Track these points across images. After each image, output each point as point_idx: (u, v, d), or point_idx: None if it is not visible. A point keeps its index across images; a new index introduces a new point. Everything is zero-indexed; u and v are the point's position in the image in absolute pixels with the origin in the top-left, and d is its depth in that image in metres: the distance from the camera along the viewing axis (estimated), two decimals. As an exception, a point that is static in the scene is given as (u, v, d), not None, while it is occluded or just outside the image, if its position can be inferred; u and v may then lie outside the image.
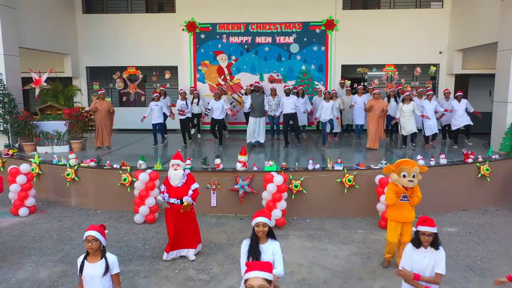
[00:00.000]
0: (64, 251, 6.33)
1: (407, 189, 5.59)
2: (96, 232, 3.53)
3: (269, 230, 3.71)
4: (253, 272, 2.47)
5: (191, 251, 5.99)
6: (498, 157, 8.89)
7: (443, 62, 13.40)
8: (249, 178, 7.70)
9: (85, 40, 13.90)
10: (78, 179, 8.28)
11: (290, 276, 5.59)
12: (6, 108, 9.64)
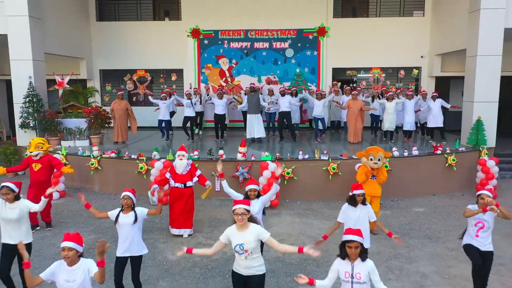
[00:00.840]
0: (95, 224, 7.66)
1: (374, 169, 7.00)
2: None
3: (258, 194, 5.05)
4: (237, 205, 3.86)
5: (187, 231, 7.19)
6: (464, 149, 10.24)
7: (425, 66, 14.75)
8: (248, 166, 9.04)
9: (98, 45, 15.23)
10: (100, 168, 9.62)
11: (281, 242, 6.91)
12: (35, 107, 10.97)
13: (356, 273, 3.53)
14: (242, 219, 3.88)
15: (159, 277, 5.73)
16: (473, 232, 4.82)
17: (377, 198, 7.20)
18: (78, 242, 3.46)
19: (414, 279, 5.71)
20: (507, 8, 10.26)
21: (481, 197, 4.77)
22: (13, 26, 10.88)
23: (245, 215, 3.91)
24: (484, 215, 4.75)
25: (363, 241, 3.57)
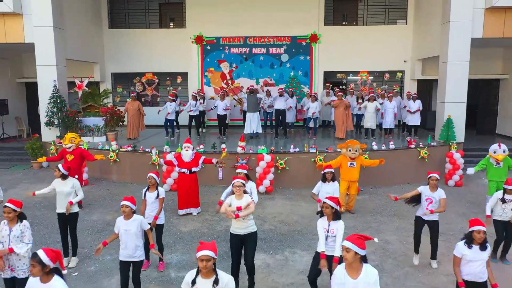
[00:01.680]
0: (118, 206, 9.09)
1: (353, 158, 8.49)
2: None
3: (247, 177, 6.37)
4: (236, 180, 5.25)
5: (195, 210, 8.69)
6: (436, 144, 11.71)
7: (407, 69, 16.21)
8: (247, 158, 10.49)
9: (110, 50, 16.66)
10: (118, 160, 11.07)
11: (274, 218, 8.40)
12: (58, 107, 12.42)
13: (331, 229, 4.93)
14: (239, 190, 5.30)
15: (175, 243, 7.19)
16: (424, 206, 6.29)
17: (354, 182, 8.69)
18: (132, 202, 5.00)
19: (379, 244, 7.17)
20: (473, 21, 11.71)
21: (431, 179, 6.24)
22: (39, 35, 12.32)
23: (242, 187, 5.34)
24: (433, 193, 6.22)
25: (334, 205, 4.92)
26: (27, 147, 12.55)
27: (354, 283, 3.40)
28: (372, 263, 6.44)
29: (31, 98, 16.87)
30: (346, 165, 8.61)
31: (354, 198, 8.85)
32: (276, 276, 6.05)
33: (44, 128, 12.80)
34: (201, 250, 3.37)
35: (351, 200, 8.81)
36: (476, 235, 4.24)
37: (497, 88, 15.94)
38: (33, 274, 3.49)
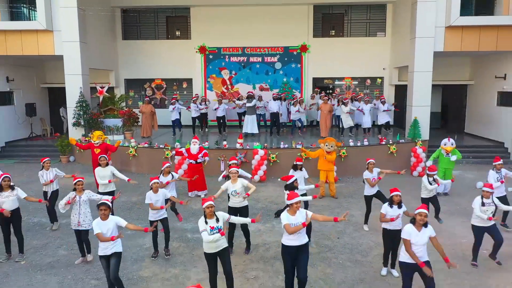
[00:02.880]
0: (139, 191, 11.23)
1: (329, 152, 10.63)
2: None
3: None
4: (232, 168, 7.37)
5: (202, 192, 10.84)
6: (404, 141, 13.87)
7: (386, 76, 18.37)
8: (244, 153, 12.64)
9: (123, 59, 18.79)
10: (137, 155, 13.21)
11: (265, 200, 10.56)
12: (84, 110, 14.56)
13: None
14: (234, 176, 7.39)
15: (189, 216, 9.33)
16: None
17: (331, 172, 10.84)
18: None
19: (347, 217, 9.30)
20: (435, 37, 13.88)
21: (370, 163, 8.41)
22: (68, 49, 14.46)
23: (236, 174, 7.42)
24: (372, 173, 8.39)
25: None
26: (57, 144, 14.67)
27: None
28: (338, 228, 8.65)
29: (53, 101, 19.07)
30: (323, 157, 10.76)
31: (333, 185, 11.00)
32: (265, 236, 8.21)
33: (71, 128, 14.92)
34: (206, 202, 5.52)
35: (332, 187, 10.94)
36: (395, 198, 6.39)
37: (465, 92, 18.10)
38: (104, 215, 5.64)
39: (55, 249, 7.55)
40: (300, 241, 5.51)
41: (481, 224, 6.79)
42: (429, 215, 5.70)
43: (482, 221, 6.74)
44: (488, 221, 6.68)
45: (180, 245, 7.79)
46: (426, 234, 5.31)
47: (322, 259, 7.17)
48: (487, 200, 6.79)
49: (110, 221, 5.68)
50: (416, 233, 5.31)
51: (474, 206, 6.81)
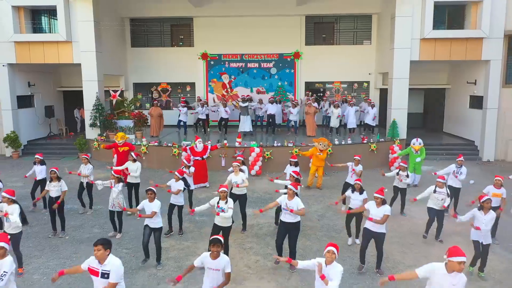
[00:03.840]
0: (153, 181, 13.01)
1: (322, 150, 12.45)
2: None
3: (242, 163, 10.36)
4: (234, 163, 9.20)
5: (204, 184, 12.66)
6: (383, 139, 15.69)
7: (372, 80, 20.17)
8: (242, 150, 14.44)
9: (132, 65, 20.55)
10: (148, 152, 15.00)
11: (261, 190, 12.37)
12: (99, 112, 16.34)
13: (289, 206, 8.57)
14: (236, 169, 9.19)
15: (196, 204, 11.10)
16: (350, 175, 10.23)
17: (321, 167, 12.67)
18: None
19: (327, 205, 11.12)
20: (411, 48, 15.68)
21: (356, 160, 10.22)
22: (85, 58, 16.24)
23: (238, 167, 9.23)
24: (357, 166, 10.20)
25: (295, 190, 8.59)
26: (76, 143, 16.45)
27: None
28: (319, 213, 10.47)
29: (67, 103, 20.83)
30: (317, 154, 12.57)
31: (321, 178, 12.82)
32: (259, 219, 10.02)
33: (88, 128, 16.71)
34: (222, 188, 7.31)
35: (319, 180, 12.76)
36: (356, 186, 8.20)
37: (443, 95, 19.92)
38: (151, 198, 7.43)
39: (90, 228, 9.38)
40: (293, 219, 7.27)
41: (433, 206, 8.58)
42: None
43: (434, 204, 8.52)
44: (439, 205, 8.42)
45: (190, 225, 9.61)
46: (381, 211, 7.07)
47: (304, 235, 8.98)
48: (439, 189, 8.46)
49: (154, 204, 7.47)
50: (375, 208, 7.10)
51: (426, 191, 8.62)
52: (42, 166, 10.55)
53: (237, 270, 7.32)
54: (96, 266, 4.81)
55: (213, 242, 5.14)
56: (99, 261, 4.78)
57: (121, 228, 8.93)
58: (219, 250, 5.14)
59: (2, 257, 5.00)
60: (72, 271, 5.26)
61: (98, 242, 4.83)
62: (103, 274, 4.77)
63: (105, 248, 4.78)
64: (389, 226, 8.35)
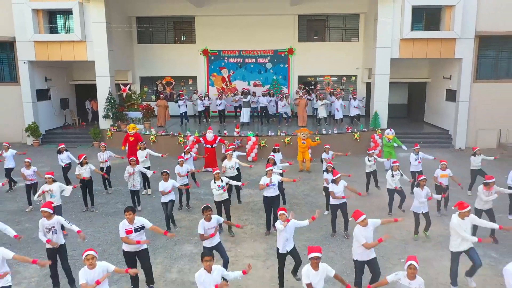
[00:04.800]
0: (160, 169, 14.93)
1: (304, 139, 14.37)
2: None
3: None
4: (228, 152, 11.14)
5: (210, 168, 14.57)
6: (366, 129, 17.58)
7: (359, 74, 21.97)
8: (240, 139, 16.34)
9: (139, 60, 22.27)
10: (156, 141, 16.87)
11: (256, 174, 14.30)
12: (112, 105, 18.17)
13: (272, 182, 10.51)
14: (230, 156, 11.09)
15: (202, 185, 13.03)
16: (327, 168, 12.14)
17: (307, 152, 14.61)
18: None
19: (312, 186, 13.07)
20: (391, 47, 17.49)
21: (326, 148, 12.14)
22: (98, 56, 18.00)
23: (231, 155, 11.12)
24: (328, 155, 12.12)
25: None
26: (90, 132, 18.31)
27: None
28: (305, 192, 12.42)
29: (79, 96, 22.63)
30: (301, 142, 14.49)
31: (309, 162, 14.76)
32: (254, 197, 11.98)
33: (101, 119, 18.56)
34: (214, 171, 9.22)
35: (308, 164, 14.70)
36: (328, 168, 10.10)
37: (424, 88, 21.76)
38: (166, 179, 9.38)
39: (114, 204, 11.34)
40: (274, 193, 9.23)
41: (391, 188, 10.49)
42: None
43: (392, 185, 10.45)
44: (397, 186, 10.36)
45: (197, 202, 11.54)
46: (341, 185, 9.03)
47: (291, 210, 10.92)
48: (395, 172, 10.39)
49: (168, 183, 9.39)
50: (336, 186, 9.04)
51: (387, 176, 10.52)
52: (66, 153, 12.38)
53: (236, 235, 9.29)
54: (129, 227, 6.73)
55: (205, 209, 7.03)
56: (129, 223, 6.70)
57: (139, 202, 10.85)
58: (210, 213, 7.01)
59: (49, 218, 6.86)
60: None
61: (128, 208, 6.77)
62: (136, 229, 6.71)
63: (133, 212, 6.73)
64: (366, 203, 10.37)
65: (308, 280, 5.48)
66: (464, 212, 6.77)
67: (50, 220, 6.74)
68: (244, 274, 5.67)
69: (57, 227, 6.78)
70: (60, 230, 6.89)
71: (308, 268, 5.53)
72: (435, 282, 7.33)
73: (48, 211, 6.71)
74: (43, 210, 6.74)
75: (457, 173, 12.56)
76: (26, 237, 8.92)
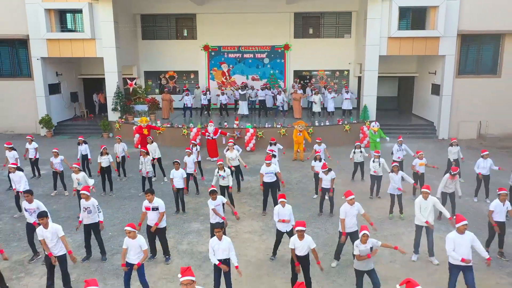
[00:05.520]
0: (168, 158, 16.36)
1: (300, 131, 15.79)
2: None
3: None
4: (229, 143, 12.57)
5: (216, 158, 16.02)
6: (356, 121, 19.00)
7: (351, 69, 23.30)
8: (239, 131, 17.75)
9: (143, 55, 23.54)
10: (162, 132, 18.27)
11: (254, 162, 15.76)
12: (120, 98, 19.52)
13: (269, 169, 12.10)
14: (231, 147, 12.50)
15: (206, 172, 14.48)
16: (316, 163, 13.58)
17: (301, 144, 16.04)
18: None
19: (305, 173, 14.52)
20: (380, 45, 18.81)
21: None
22: (107, 53, 19.29)
23: (232, 146, 12.54)
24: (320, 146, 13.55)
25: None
26: (100, 124, 19.69)
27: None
28: (297, 179, 13.89)
29: (87, 89, 23.93)
30: (297, 134, 15.91)
31: (302, 153, 16.19)
32: (252, 183, 13.42)
33: (110, 112, 19.93)
34: (219, 162, 10.66)
35: (301, 154, 16.14)
36: (317, 156, 11.55)
37: (413, 82, 23.13)
38: (177, 168, 10.84)
39: (128, 189, 12.81)
40: (271, 179, 10.68)
41: (373, 174, 11.96)
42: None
43: (374, 172, 11.91)
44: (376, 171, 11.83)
45: (201, 188, 12.96)
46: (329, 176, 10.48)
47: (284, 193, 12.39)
48: (376, 159, 11.88)
49: (179, 171, 10.81)
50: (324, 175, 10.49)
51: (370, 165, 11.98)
52: (85, 145, 13.78)
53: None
54: (148, 205, 8.18)
55: (212, 193, 8.46)
56: (149, 202, 8.14)
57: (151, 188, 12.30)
58: (216, 195, 8.45)
59: (87, 199, 8.28)
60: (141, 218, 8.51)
61: (148, 191, 8.20)
62: (153, 208, 8.15)
63: (152, 194, 8.16)
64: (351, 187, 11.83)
65: (293, 246, 6.98)
66: (425, 192, 8.23)
67: (87, 202, 8.16)
68: (236, 268, 6.68)
69: (91, 208, 8.21)
70: (96, 210, 8.29)
71: (295, 238, 7.00)
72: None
73: (86, 194, 8.13)
74: (82, 192, 8.17)
75: (438, 161, 14.16)
76: (56, 217, 10.36)
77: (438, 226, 9.70)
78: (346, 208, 8.07)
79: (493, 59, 19.51)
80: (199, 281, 7.34)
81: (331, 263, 8.35)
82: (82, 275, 7.86)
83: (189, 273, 4.94)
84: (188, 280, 4.90)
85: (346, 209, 8.07)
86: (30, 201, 8.06)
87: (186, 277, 4.90)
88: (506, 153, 17.40)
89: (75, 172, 10.36)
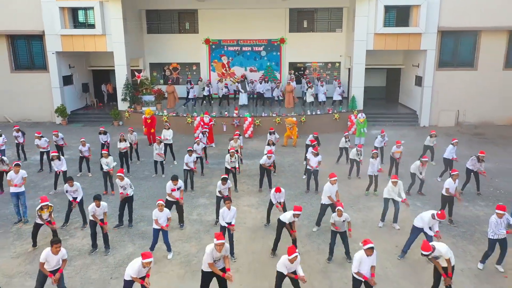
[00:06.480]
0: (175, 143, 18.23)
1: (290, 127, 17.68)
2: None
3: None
4: (235, 136, 14.48)
5: (213, 144, 17.88)
6: (344, 110, 20.86)
7: (343, 61, 25.03)
8: (238, 119, 19.59)
9: (148, 48, 25.18)
10: (168, 121, 20.10)
11: (252, 148, 17.67)
12: (128, 90, 21.30)
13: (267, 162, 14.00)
14: (236, 139, 14.39)
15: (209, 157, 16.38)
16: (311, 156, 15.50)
17: (294, 134, 17.92)
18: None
19: (298, 158, 16.44)
20: (367, 40, 20.55)
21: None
22: (116, 47, 21.00)
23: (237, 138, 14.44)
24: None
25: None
26: (111, 113, 21.50)
27: None
28: (290, 163, 15.84)
29: (96, 80, 25.65)
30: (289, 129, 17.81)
31: (295, 140, 18.08)
32: (250, 166, 15.34)
33: (120, 102, 21.72)
34: (231, 150, 12.58)
35: (294, 141, 18.04)
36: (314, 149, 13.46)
37: (399, 74, 24.92)
38: (191, 154, 12.76)
39: (142, 172, 14.73)
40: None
41: (352, 158, 13.92)
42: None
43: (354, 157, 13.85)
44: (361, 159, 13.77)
45: (206, 170, 14.89)
46: (317, 159, 12.40)
47: (278, 177, 14.32)
48: (359, 149, 13.81)
49: (192, 157, 12.73)
50: (313, 158, 12.41)
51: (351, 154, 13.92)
52: (106, 135, 15.59)
53: (238, 192, 12.74)
54: (173, 187, 10.12)
55: (223, 179, 10.36)
56: (174, 185, 10.07)
57: (163, 171, 14.22)
58: (226, 182, 10.34)
59: (121, 180, 10.18)
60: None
61: (173, 177, 10.12)
62: (178, 188, 10.12)
63: (177, 180, 10.09)
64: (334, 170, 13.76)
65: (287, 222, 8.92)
66: (394, 182, 10.12)
67: (122, 182, 10.06)
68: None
69: (126, 186, 10.11)
70: (130, 187, 10.19)
71: (290, 216, 8.91)
72: (371, 220, 10.83)
73: (121, 175, 10.04)
74: (118, 174, 10.08)
75: (418, 146, 16.14)
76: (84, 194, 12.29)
77: (413, 202, 11.72)
78: (329, 186, 10.03)
79: (470, 53, 21.29)
80: (208, 243, 9.30)
81: (313, 228, 10.36)
82: (115, 237, 9.84)
83: (149, 255, 6.75)
84: (150, 261, 6.74)
85: (329, 187, 10.02)
86: (72, 184, 10.02)
87: (148, 259, 6.70)
88: (480, 139, 19.35)
89: (104, 157, 12.28)
